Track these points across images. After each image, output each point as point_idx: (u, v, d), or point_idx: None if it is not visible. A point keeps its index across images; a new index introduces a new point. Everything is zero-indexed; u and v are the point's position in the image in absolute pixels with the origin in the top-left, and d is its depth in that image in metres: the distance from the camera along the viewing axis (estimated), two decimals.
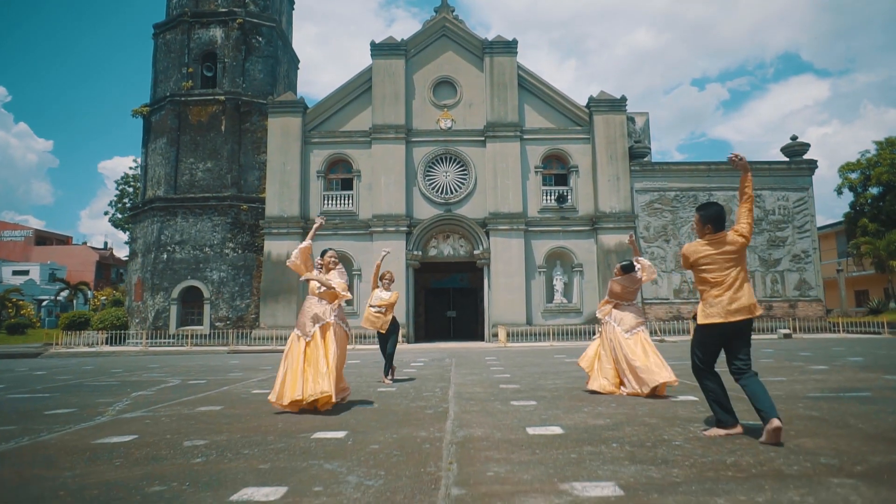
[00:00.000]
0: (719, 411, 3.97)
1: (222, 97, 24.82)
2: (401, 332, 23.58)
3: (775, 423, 3.56)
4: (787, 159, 24.68)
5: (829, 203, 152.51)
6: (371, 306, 8.09)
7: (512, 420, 4.75)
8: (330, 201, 23.93)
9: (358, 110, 24.51)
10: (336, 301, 5.74)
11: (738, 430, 3.93)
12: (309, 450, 3.79)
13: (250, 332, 22.78)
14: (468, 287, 28.08)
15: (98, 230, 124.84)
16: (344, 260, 23.47)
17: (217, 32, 25.67)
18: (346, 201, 23.91)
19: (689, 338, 22.02)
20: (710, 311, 3.95)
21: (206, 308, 23.58)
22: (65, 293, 43.31)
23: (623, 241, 22.43)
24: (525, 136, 24.08)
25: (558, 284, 23.24)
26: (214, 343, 22.31)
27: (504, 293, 22.83)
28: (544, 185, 24.22)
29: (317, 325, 5.53)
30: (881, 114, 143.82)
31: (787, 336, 20.49)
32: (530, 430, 4.27)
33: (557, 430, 4.27)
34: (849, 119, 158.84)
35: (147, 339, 22.27)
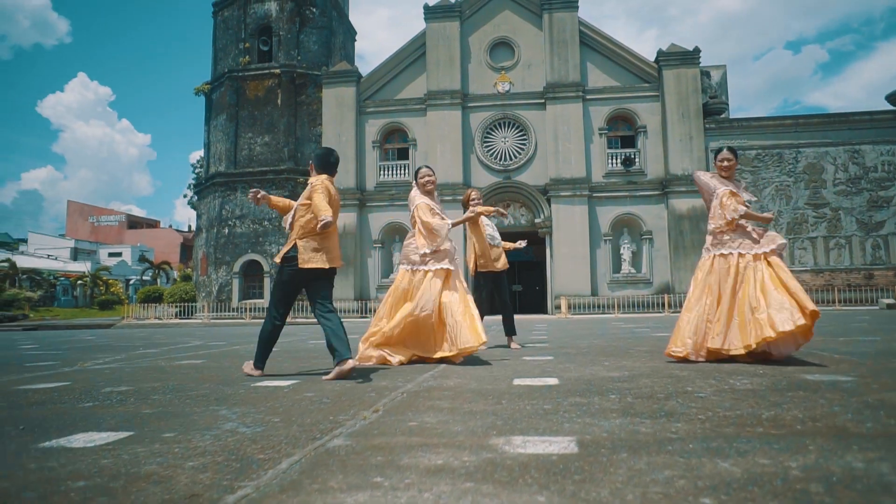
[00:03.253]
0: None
1: (277, 70, 24.69)
2: None
3: (349, 363, 3.60)
4: (893, 108, 21.74)
5: None
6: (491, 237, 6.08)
7: (505, 373, 3.84)
8: (386, 172, 23.38)
9: (412, 77, 23.72)
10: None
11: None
12: (227, 397, 3.07)
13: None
14: (533, 260, 26.89)
15: (190, 216, 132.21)
16: (401, 232, 22.90)
17: (272, 5, 25.46)
18: (402, 171, 23.26)
19: None
20: (316, 256, 3.90)
21: (267, 281, 23.74)
22: (149, 272, 45.60)
23: (696, 205, 20.40)
24: (588, 97, 22.45)
25: (625, 253, 21.65)
26: None
27: (567, 263, 21.55)
28: (609, 147, 22.55)
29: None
30: None
31: (890, 307, 18.09)
32: (517, 381, 3.36)
33: (552, 381, 3.34)
34: None
35: (210, 311, 22.71)
